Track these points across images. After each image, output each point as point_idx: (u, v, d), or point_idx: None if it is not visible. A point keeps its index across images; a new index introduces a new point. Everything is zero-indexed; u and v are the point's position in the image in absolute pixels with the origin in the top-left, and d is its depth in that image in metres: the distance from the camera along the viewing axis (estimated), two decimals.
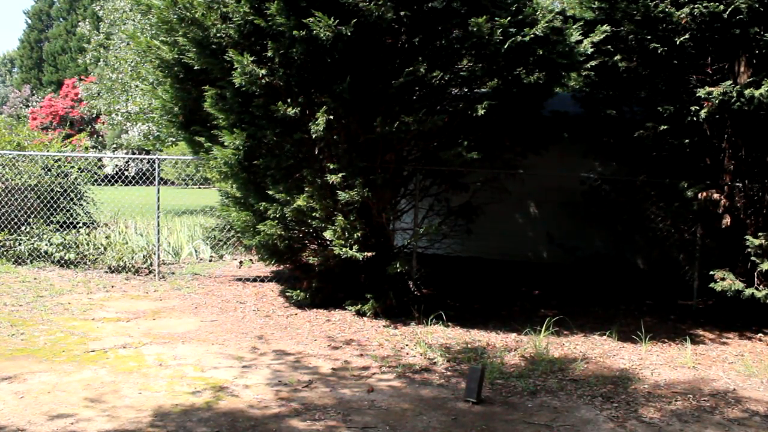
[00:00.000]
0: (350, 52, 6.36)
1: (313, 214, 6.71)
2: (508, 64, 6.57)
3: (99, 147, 34.85)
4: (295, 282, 7.89)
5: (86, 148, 13.48)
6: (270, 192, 6.73)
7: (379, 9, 5.96)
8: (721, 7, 6.25)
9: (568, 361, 5.82)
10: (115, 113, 17.58)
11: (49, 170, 10.38)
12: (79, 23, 36.47)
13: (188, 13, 6.66)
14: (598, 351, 6.16)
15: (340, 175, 6.54)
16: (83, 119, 36.44)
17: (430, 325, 6.74)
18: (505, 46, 6.15)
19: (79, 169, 10.89)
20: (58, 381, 4.85)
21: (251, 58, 6.21)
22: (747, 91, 6.18)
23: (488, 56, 6.38)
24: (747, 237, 6.55)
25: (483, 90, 7.25)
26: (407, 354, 5.90)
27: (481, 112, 6.28)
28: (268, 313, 7.20)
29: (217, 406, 4.48)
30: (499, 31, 6.09)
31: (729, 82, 6.39)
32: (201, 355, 5.63)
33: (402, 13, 6.16)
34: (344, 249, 6.62)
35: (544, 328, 6.47)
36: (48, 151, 10.73)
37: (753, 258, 6.56)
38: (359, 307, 7.06)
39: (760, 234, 6.50)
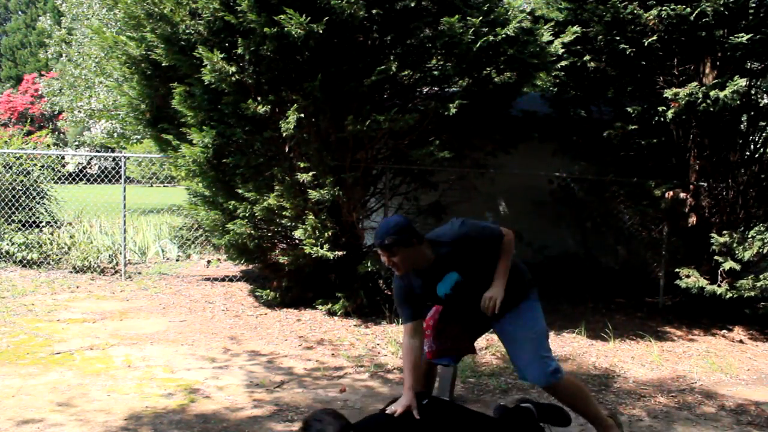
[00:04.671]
0: (321, 50, 6.32)
1: (284, 213, 6.66)
2: (479, 63, 6.61)
3: (60, 144, 34.17)
4: (264, 281, 7.83)
5: (48, 146, 13.19)
6: (239, 191, 6.65)
7: (351, 7, 5.92)
8: (688, 9, 6.35)
9: None
10: (78, 110, 17.24)
11: (10, 168, 10.13)
12: (39, 17, 35.72)
13: (156, 9, 6.54)
14: (568, 349, 6.23)
15: (310, 173, 6.50)
16: (44, 116, 35.68)
17: (401, 324, 6.72)
18: (477, 46, 6.16)
19: (41, 166, 10.66)
20: (22, 384, 4.73)
21: (221, 55, 6.12)
22: (712, 93, 6.29)
23: (459, 55, 6.40)
24: (712, 235, 6.67)
25: (454, 89, 7.27)
26: (379, 353, 5.89)
27: (452, 111, 6.29)
28: (237, 312, 7.13)
29: (190, 408, 4.42)
30: (471, 30, 6.10)
31: (695, 84, 6.50)
32: (171, 356, 5.54)
33: (374, 12, 6.14)
34: (315, 248, 6.58)
35: None
36: (8, 148, 10.48)
37: (717, 257, 6.69)
38: (330, 306, 7.02)
39: (724, 232, 6.63)
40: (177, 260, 10.21)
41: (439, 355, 3.98)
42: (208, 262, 9.75)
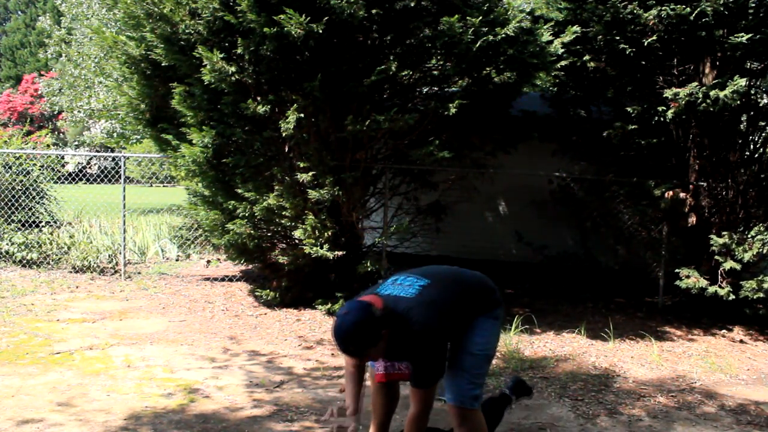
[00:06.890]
0: (321, 50, 6.32)
1: (283, 213, 6.66)
2: (478, 63, 6.59)
3: (60, 144, 34.17)
4: (264, 281, 7.82)
5: (48, 146, 13.19)
6: (239, 191, 6.65)
7: (350, 7, 5.92)
8: (688, 9, 6.34)
9: (538, 359, 5.87)
10: (78, 110, 17.24)
11: (9, 168, 10.13)
12: (39, 17, 35.72)
13: (156, 9, 6.54)
14: (568, 349, 6.22)
15: (310, 173, 6.50)
16: (43, 116, 35.67)
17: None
18: (476, 46, 6.16)
19: (41, 166, 10.65)
20: (22, 384, 4.73)
21: (221, 55, 6.12)
22: (712, 93, 6.28)
23: (459, 55, 6.39)
24: (711, 236, 6.67)
25: (454, 89, 7.27)
26: None
27: (452, 111, 6.29)
28: (237, 312, 7.12)
29: (190, 408, 4.41)
30: (471, 30, 6.09)
31: (695, 84, 6.49)
32: (170, 356, 5.54)
33: (373, 12, 6.13)
34: (315, 248, 6.58)
35: (514, 326, 6.51)
36: (8, 148, 10.47)
37: (716, 257, 6.69)
38: (329, 306, 7.02)
39: (723, 233, 6.63)
40: (177, 260, 10.21)
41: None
42: (208, 262, 9.75)
